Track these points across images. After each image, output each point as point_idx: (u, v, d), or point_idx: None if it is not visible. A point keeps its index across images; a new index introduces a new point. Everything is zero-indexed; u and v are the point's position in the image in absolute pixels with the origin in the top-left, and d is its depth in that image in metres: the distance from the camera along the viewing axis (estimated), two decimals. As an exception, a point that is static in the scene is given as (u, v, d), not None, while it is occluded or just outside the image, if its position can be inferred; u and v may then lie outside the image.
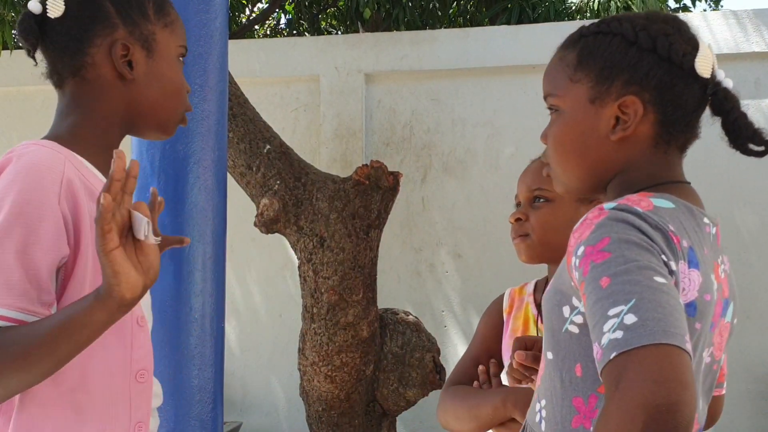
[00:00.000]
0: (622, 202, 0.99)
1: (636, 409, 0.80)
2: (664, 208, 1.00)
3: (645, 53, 1.05)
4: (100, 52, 1.23)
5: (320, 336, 3.05)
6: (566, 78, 1.11)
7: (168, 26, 1.29)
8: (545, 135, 1.15)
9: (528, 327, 1.64)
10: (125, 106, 1.26)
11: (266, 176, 3.06)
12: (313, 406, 3.18)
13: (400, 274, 4.73)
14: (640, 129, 1.07)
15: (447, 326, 4.66)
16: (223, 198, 2.20)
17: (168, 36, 1.28)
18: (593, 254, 0.94)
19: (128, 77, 1.24)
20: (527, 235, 1.59)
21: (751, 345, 4.29)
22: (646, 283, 0.88)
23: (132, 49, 1.24)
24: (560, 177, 1.15)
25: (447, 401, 1.57)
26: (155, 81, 1.26)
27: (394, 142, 4.80)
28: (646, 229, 0.95)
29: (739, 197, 4.37)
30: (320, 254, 3.00)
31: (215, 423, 2.13)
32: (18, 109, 5.09)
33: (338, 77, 4.77)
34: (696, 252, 1.00)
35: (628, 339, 0.84)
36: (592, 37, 1.10)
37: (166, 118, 1.30)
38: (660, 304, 0.87)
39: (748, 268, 4.36)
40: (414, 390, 3.11)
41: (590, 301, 0.92)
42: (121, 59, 1.23)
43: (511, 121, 4.64)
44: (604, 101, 1.07)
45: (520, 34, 4.67)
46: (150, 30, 1.26)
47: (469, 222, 4.67)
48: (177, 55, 1.30)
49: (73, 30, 1.22)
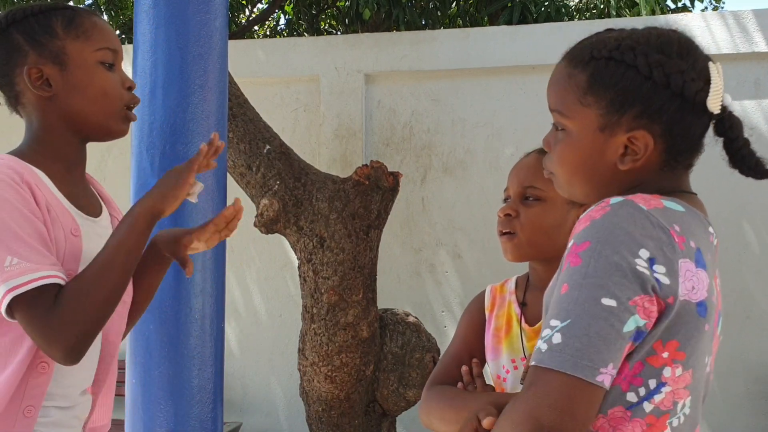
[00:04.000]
0: (630, 198, 1.01)
1: (526, 422, 0.92)
2: (674, 209, 1.02)
3: (659, 88, 1.06)
4: (22, 81, 1.38)
5: (320, 336, 3.05)
6: (575, 100, 1.11)
7: (80, 36, 1.39)
8: (548, 143, 1.16)
9: (511, 325, 1.62)
10: (62, 119, 1.40)
11: (266, 176, 3.06)
12: (313, 407, 3.18)
13: (400, 274, 4.73)
14: (648, 157, 1.08)
15: (447, 326, 4.66)
16: (223, 198, 2.20)
17: (81, 45, 1.39)
18: (572, 255, 0.99)
19: (46, 95, 1.38)
20: (514, 233, 1.57)
21: (751, 345, 4.29)
22: (589, 305, 0.94)
23: (44, 68, 1.37)
24: (564, 187, 1.17)
25: (431, 402, 1.53)
26: (76, 90, 1.38)
27: (394, 142, 4.80)
28: (645, 226, 0.97)
29: (739, 197, 4.37)
30: (320, 254, 3.00)
31: (215, 423, 2.13)
32: (18, 109, 5.09)
33: (338, 77, 4.78)
34: (703, 254, 1.02)
35: (546, 357, 0.94)
36: (604, 62, 1.09)
37: (101, 120, 1.41)
38: (588, 333, 0.93)
39: (747, 268, 4.36)
40: (414, 390, 3.11)
41: (552, 301, 1.00)
42: (36, 81, 1.37)
43: (510, 121, 4.64)
44: (614, 131, 1.08)
45: (520, 34, 4.67)
46: (59, 46, 1.38)
47: (469, 222, 4.67)
48: (96, 60, 1.40)
49: (0, 68, 1.40)
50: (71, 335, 1.24)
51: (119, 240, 1.32)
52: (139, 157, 2.11)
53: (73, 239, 1.35)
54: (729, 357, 4.14)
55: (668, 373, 0.99)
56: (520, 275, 1.70)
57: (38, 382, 1.32)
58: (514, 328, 1.61)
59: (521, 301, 1.63)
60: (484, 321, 1.66)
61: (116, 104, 1.41)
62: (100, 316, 1.28)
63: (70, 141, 1.42)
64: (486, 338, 1.64)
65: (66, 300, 1.24)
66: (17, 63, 1.38)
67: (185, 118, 2.10)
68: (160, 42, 2.13)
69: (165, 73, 2.12)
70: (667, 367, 0.99)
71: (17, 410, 1.31)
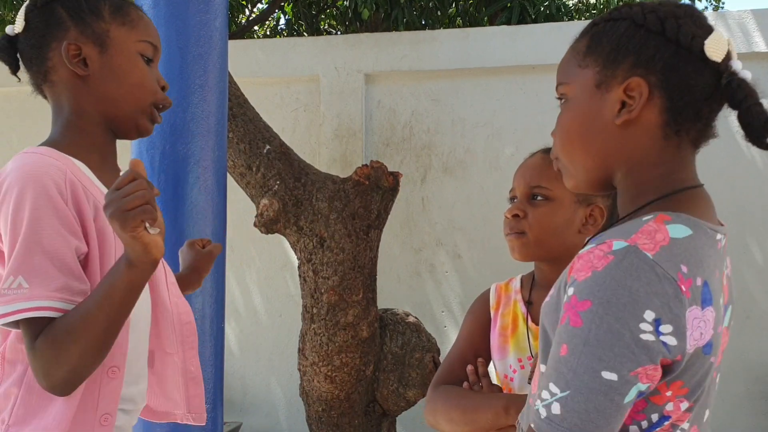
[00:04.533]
0: (635, 241, 0.94)
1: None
2: (681, 239, 0.96)
3: (652, 35, 1.02)
4: (57, 55, 1.33)
5: (320, 336, 3.05)
6: (575, 65, 1.09)
7: (126, 24, 1.36)
8: (553, 131, 1.13)
9: (517, 324, 1.61)
10: (93, 102, 1.34)
11: (266, 176, 3.06)
12: (313, 407, 3.18)
13: (400, 274, 4.73)
14: (646, 115, 1.03)
15: (447, 326, 4.66)
16: (223, 198, 2.20)
17: (125, 33, 1.35)
18: (572, 310, 0.94)
19: (81, 74, 1.33)
20: (523, 233, 1.56)
21: (751, 345, 4.29)
22: (588, 378, 0.91)
23: (84, 47, 1.33)
24: (568, 168, 1.11)
25: (437, 402, 1.53)
26: (111, 75, 1.34)
27: (394, 142, 4.80)
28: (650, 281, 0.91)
29: (739, 197, 4.37)
30: (320, 254, 3.00)
31: (215, 423, 2.13)
32: (18, 109, 5.09)
33: (338, 77, 4.78)
34: (710, 285, 0.97)
35: (544, 426, 0.92)
36: (603, 23, 1.08)
37: (130, 112, 1.36)
38: (587, 409, 0.90)
39: (747, 268, 4.36)
40: (414, 390, 3.11)
41: (552, 353, 0.96)
42: (74, 58, 1.32)
43: (510, 121, 4.64)
44: (610, 85, 1.04)
45: (519, 34, 4.67)
46: (103, 28, 1.34)
47: (469, 222, 4.67)
48: (137, 50, 1.36)
49: (34, 40, 1.35)
50: (49, 376, 1.18)
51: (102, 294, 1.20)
52: (138, 157, 2.10)
53: None
54: (729, 357, 4.13)
55: (671, 407, 0.97)
56: (525, 274, 1.70)
57: (110, 387, 1.30)
58: (520, 327, 1.61)
59: (527, 300, 1.63)
60: (489, 320, 1.66)
61: (148, 99, 1.37)
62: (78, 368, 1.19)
63: (103, 129, 1.37)
64: (492, 337, 1.63)
65: (44, 341, 1.17)
66: (55, 37, 1.33)
67: (185, 118, 2.10)
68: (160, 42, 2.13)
69: (165, 73, 2.11)
70: (670, 403, 0.97)
71: (94, 419, 1.28)
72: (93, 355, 1.20)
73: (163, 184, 2.07)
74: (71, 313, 1.19)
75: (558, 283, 1.04)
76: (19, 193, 1.20)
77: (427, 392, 1.59)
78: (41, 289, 1.17)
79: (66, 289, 1.19)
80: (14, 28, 1.37)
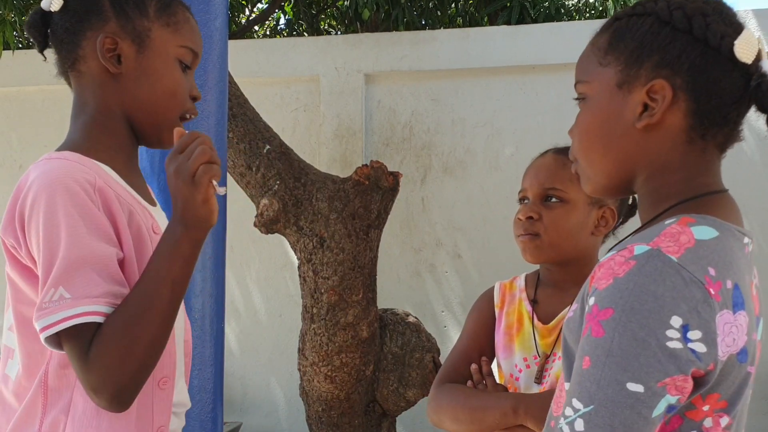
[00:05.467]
0: (658, 244, 0.89)
1: None
2: (707, 240, 0.90)
3: (679, 34, 0.95)
4: (90, 45, 1.23)
5: (320, 336, 3.05)
6: (596, 62, 1.02)
7: (170, 26, 1.26)
8: (571, 130, 1.07)
9: (522, 323, 1.60)
10: (120, 103, 1.25)
11: (266, 176, 3.06)
12: (313, 407, 3.18)
13: (400, 274, 4.73)
14: (669, 119, 0.96)
15: (447, 326, 4.66)
16: (223, 198, 2.20)
17: (168, 35, 1.26)
18: (594, 320, 0.88)
19: (113, 70, 1.23)
20: (537, 234, 1.53)
21: (751, 345, 4.28)
22: (612, 391, 0.84)
23: (121, 43, 1.23)
24: (587, 172, 1.05)
25: (442, 400, 1.52)
26: (144, 77, 1.24)
27: (394, 142, 4.80)
28: (675, 285, 0.85)
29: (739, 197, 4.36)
30: (320, 254, 3.00)
31: (215, 423, 2.13)
32: (18, 109, 5.09)
33: (338, 77, 4.77)
34: (741, 288, 0.91)
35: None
36: (626, 19, 1.01)
37: (157, 120, 1.27)
38: (612, 424, 0.84)
39: (748, 268, 4.35)
40: (414, 390, 3.11)
41: (575, 367, 0.91)
42: (107, 53, 1.22)
43: (511, 121, 4.64)
44: (632, 85, 0.98)
45: (519, 34, 4.67)
46: (145, 26, 1.25)
47: (469, 222, 4.67)
48: (176, 56, 1.27)
49: (69, 23, 1.24)
50: (111, 384, 1.07)
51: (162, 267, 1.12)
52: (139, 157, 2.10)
53: (156, 237, 1.22)
54: (729, 357, 4.13)
55: (710, 423, 0.92)
56: (529, 273, 1.68)
57: (162, 397, 1.24)
58: (525, 326, 1.59)
59: (532, 299, 1.61)
60: (494, 318, 1.64)
61: (178, 109, 1.28)
62: (146, 362, 1.10)
63: (128, 131, 1.27)
64: (497, 336, 1.62)
65: (102, 344, 1.07)
66: (92, 25, 1.23)
67: (185, 118, 2.09)
68: (160, 42, 2.13)
69: (165, 73, 2.12)
70: (708, 419, 0.91)
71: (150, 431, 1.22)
72: (162, 339, 1.11)
73: (163, 184, 2.06)
74: (122, 307, 1.10)
75: (580, 296, 0.98)
76: (49, 203, 1.11)
77: (431, 390, 1.58)
78: (85, 296, 1.08)
79: (111, 295, 1.10)
80: (51, 4, 1.25)
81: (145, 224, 1.23)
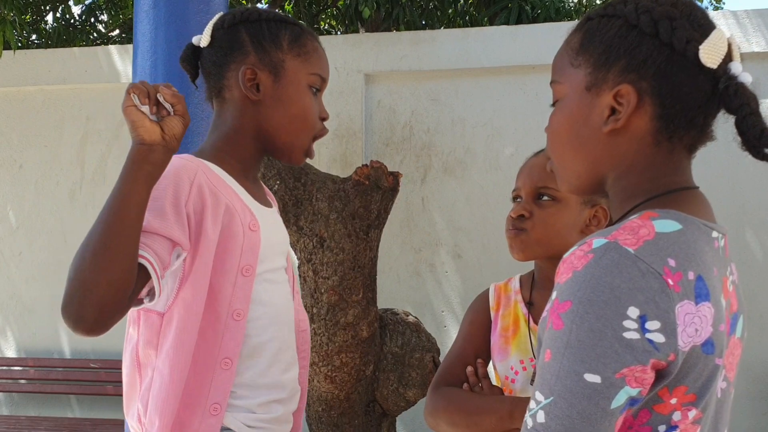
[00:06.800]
0: (615, 237, 0.90)
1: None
2: (669, 232, 0.91)
3: (646, 38, 0.95)
4: (234, 76, 1.43)
5: (320, 336, 3.05)
6: (568, 63, 1.03)
7: (301, 56, 1.45)
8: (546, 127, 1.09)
9: (518, 326, 1.60)
10: (255, 125, 1.43)
11: (266, 176, 3.06)
12: (313, 406, 3.18)
13: (400, 274, 4.73)
14: (635, 122, 0.97)
15: (447, 326, 4.66)
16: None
17: (299, 64, 1.44)
18: (554, 313, 0.89)
19: (253, 98, 1.42)
20: (524, 230, 1.54)
21: (751, 345, 4.28)
22: (570, 382, 0.85)
23: (259, 73, 1.41)
24: (560, 173, 1.07)
25: (438, 404, 1.51)
26: (280, 104, 1.42)
27: (394, 142, 4.80)
28: (632, 276, 0.86)
29: (739, 197, 4.37)
30: (320, 254, 3.00)
31: (215, 423, 2.13)
32: (18, 109, 5.09)
33: (338, 77, 4.78)
34: (706, 281, 0.90)
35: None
36: (597, 19, 1.01)
37: (290, 140, 1.44)
38: (570, 415, 0.85)
39: (747, 268, 4.36)
40: (414, 390, 3.11)
41: (539, 359, 0.92)
42: (248, 82, 1.41)
43: (510, 121, 4.64)
44: (600, 89, 0.99)
45: (519, 34, 4.67)
46: (280, 57, 1.43)
47: (469, 222, 4.67)
48: (307, 82, 1.45)
49: (215, 57, 1.45)
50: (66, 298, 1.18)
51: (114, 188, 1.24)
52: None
53: (251, 234, 1.37)
54: (729, 357, 4.14)
55: (678, 416, 0.91)
56: (524, 274, 1.68)
57: (222, 378, 1.34)
58: (521, 328, 1.59)
59: (527, 301, 1.61)
60: (489, 321, 1.64)
61: (309, 132, 1.46)
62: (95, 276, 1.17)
63: (256, 146, 1.45)
64: (492, 339, 1.62)
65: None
66: (235, 59, 1.43)
67: (185, 118, 2.10)
68: (160, 42, 2.13)
69: (165, 73, 2.12)
70: (677, 412, 0.91)
71: (204, 407, 1.33)
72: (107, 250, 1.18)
73: (163, 184, 2.07)
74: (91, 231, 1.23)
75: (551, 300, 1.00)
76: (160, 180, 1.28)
77: (428, 393, 1.58)
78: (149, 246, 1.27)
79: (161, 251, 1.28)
80: (201, 40, 1.46)
81: (241, 219, 1.37)
